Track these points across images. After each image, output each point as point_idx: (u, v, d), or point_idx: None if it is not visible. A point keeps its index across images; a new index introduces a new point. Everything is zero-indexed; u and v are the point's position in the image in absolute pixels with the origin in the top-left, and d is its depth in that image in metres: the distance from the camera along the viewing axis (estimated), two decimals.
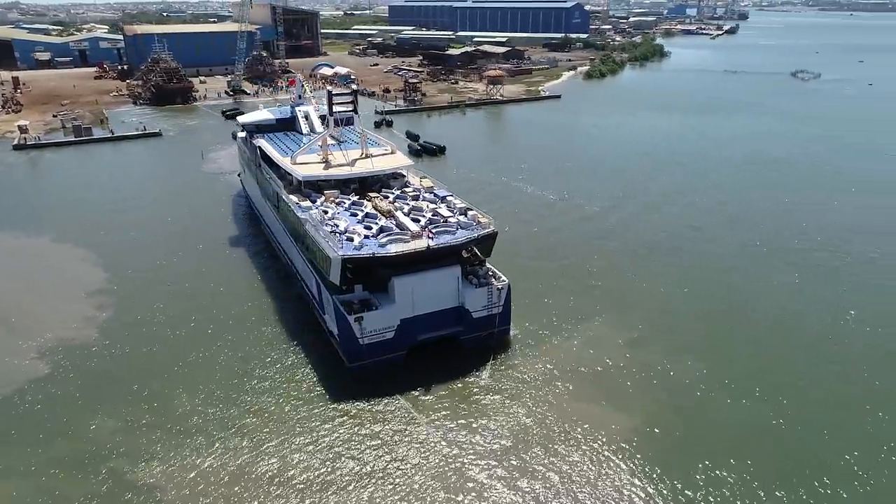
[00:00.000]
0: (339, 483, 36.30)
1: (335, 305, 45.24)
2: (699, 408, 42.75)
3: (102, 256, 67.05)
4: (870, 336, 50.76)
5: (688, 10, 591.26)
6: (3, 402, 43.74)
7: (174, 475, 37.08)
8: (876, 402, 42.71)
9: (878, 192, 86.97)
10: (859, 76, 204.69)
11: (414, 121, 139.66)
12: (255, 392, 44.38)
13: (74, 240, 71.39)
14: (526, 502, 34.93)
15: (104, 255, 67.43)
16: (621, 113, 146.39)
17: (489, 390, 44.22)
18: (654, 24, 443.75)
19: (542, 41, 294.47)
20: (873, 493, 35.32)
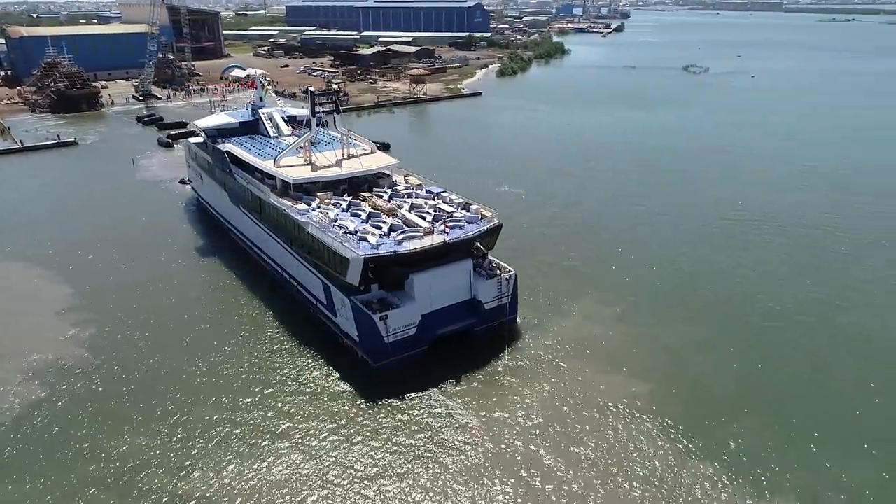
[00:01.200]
0: (398, 472, 37.19)
1: (354, 307, 45.33)
2: (698, 368, 47.11)
3: (62, 273, 62.99)
4: (800, 286, 57.65)
5: (574, 10, 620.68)
6: (13, 426, 40.82)
7: (219, 485, 36.47)
8: (836, 345, 49.02)
9: (793, 169, 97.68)
10: (741, 69, 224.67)
11: (345, 121, 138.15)
12: (279, 398, 43.78)
13: (25, 258, 66.39)
14: (577, 468, 37.46)
15: (63, 271, 63.38)
16: (545, 107, 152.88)
17: (511, 373, 46.34)
18: (547, 24, 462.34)
19: (447, 40, 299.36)
20: (860, 422, 40.84)
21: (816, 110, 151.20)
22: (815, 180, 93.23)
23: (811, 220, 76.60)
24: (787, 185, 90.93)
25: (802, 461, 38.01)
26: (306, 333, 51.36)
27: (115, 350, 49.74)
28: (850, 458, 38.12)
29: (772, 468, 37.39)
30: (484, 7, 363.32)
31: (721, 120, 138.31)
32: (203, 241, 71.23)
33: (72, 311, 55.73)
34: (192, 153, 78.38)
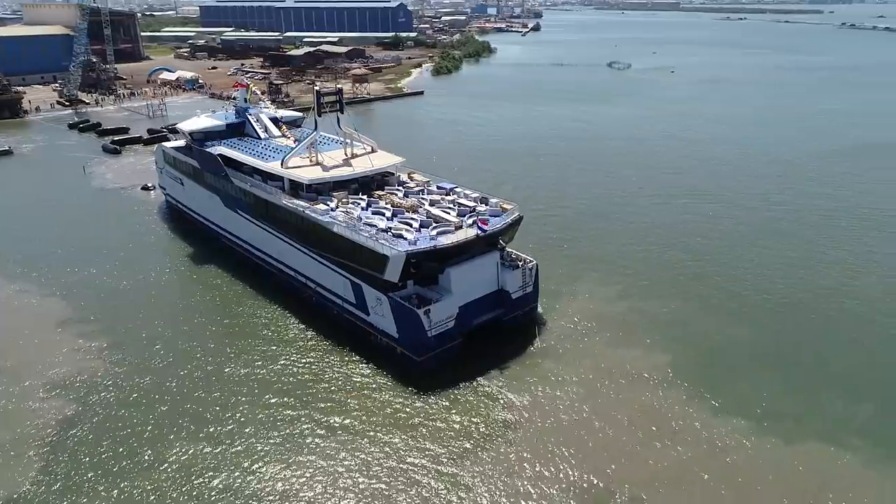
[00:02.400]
0: (465, 453, 38.89)
1: (394, 304, 46.04)
2: (707, 336, 51.42)
3: (51, 286, 60.34)
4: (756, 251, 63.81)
5: (489, 10, 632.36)
6: (57, 444, 39.21)
7: (294, 482, 36.95)
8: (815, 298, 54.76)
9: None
10: (660, 65, 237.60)
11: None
12: (327, 398, 44.13)
13: (5, 274, 62.68)
14: (622, 431, 40.51)
15: (52, 284, 60.74)
16: (493, 104, 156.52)
17: (543, 356, 48.79)
18: (466, 23, 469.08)
19: (373, 40, 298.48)
20: (854, 368, 46.19)
21: (741, 99, 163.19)
22: (786, 166, 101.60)
23: (761, 193, 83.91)
24: (755, 167, 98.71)
25: (813, 408, 42.73)
26: (333, 334, 51.23)
27: (135, 359, 48.42)
28: (851, 402, 43.11)
29: (788, 416, 41.81)
30: (407, 7, 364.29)
31: (665, 111, 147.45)
32: (191, 248, 69.27)
33: (74, 324, 53.53)
34: (169, 158, 75.43)
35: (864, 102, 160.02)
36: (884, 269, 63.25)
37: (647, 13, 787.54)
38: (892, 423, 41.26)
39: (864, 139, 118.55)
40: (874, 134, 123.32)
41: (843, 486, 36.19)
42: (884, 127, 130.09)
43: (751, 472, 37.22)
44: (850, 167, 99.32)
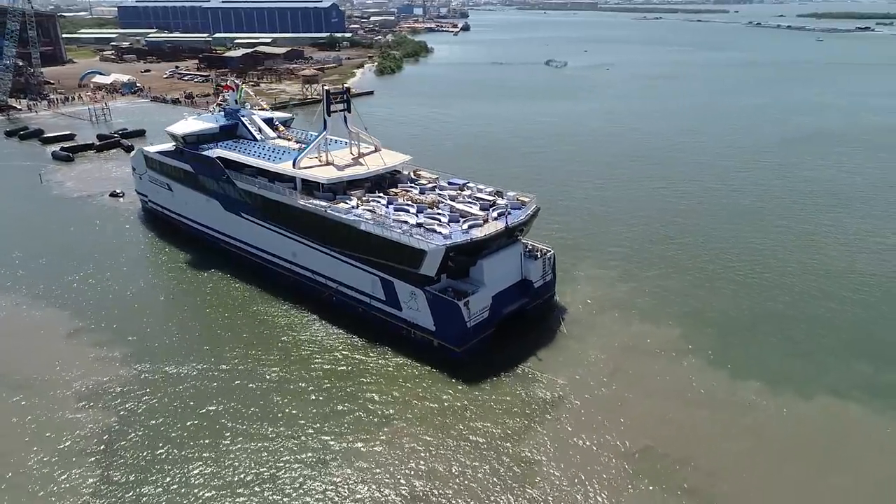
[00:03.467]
0: (517, 434, 40.82)
1: (431, 297, 47.03)
2: (712, 309, 55.40)
3: (48, 297, 58.00)
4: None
5: (414, 10, 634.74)
6: (109, 457, 38.34)
7: (359, 475, 37.83)
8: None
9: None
10: (594, 63, 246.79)
11: None
12: (374, 393, 44.75)
13: None
14: (654, 399, 43.55)
15: (48, 294, 58.40)
16: (441, 103, 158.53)
17: (569, 339, 51.21)
18: (395, 23, 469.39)
19: (307, 41, 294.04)
20: (844, 328, 51.25)
21: (684, 94, 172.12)
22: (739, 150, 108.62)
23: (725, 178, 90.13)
24: (714, 155, 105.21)
25: (815, 367, 47.22)
26: (361, 332, 51.32)
27: (159, 366, 47.46)
28: (847, 361, 47.90)
29: (796, 376, 46.01)
30: (339, 7, 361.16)
31: (613, 106, 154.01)
32: (187, 254, 67.18)
33: (85, 333, 51.91)
34: (153, 163, 72.76)
35: (794, 94, 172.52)
36: (848, 239, 69.85)
37: (568, 13, 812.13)
38: (885, 377, 46.10)
39: (805, 128, 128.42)
40: (811, 122, 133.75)
41: (851, 435, 40.36)
42: (814, 116, 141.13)
43: (771, 428, 40.93)
44: (797, 152, 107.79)
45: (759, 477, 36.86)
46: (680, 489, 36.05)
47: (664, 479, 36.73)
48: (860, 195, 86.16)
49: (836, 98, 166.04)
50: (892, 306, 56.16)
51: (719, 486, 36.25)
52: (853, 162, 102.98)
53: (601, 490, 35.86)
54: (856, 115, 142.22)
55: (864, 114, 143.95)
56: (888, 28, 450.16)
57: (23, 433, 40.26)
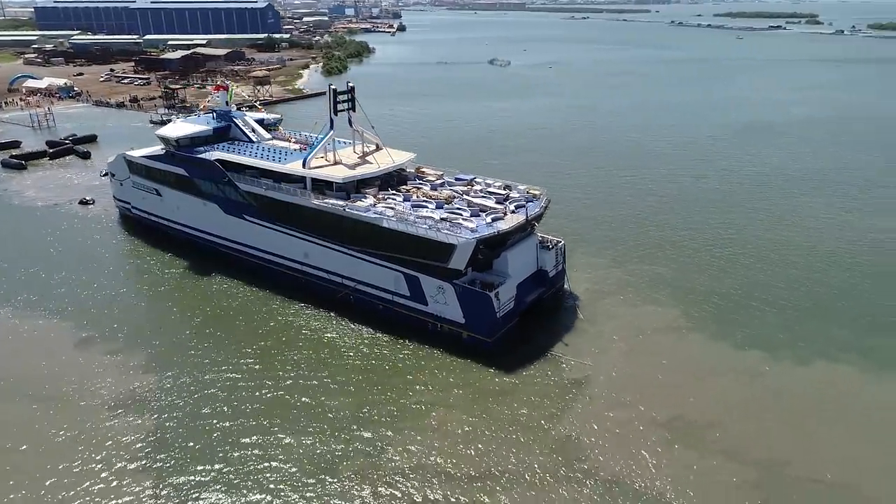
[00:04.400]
0: (557, 412, 42.99)
1: (461, 290, 48.10)
2: (707, 287, 59.34)
3: (48, 310, 55.73)
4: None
5: (346, 10, 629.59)
6: (155, 456, 37.94)
7: (416, 460, 39.08)
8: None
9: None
10: (537, 62, 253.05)
11: None
12: (407, 383, 45.89)
13: None
14: (670, 370, 46.79)
15: (49, 308, 56.12)
16: (397, 103, 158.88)
17: (583, 323, 53.87)
18: (330, 24, 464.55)
19: (244, 42, 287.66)
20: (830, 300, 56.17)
21: (632, 91, 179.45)
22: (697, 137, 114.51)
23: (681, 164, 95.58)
24: (673, 146, 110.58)
25: (805, 335, 51.63)
26: (384, 329, 51.89)
27: (187, 370, 46.90)
28: (830, 328, 52.65)
29: (791, 343, 50.46)
30: (275, 7, 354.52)
31: (566, 103, 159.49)
32: (183, 260, 65.56)
33: (96, 342, 50.77)
34: (137, 168, 70.26)
35: (731, 89, 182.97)
36: (808, 217, 75.91)
37: (498, 13, 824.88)
38: (863, 340, 50.85)
39: (748, 119, 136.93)
40: (753, 115, 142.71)
41: (846, 392, 44.71)
42: (754, 109, 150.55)
43: (779, 391, 44.81)
44: (746, 142, 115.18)
45: (778, 434, 40.28)
46: (712, 451, 39.00)
47: (697, 444, 39.64)
48: (809, 178, 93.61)
49: (768, 93, 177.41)
50: (859, 275, 61.94)
51: (747, 445, 39.39)
52: (797, 150, 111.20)
53: (644, 459, 38.30)
54: (787, 108, 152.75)
55: (793, 107, 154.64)
56: (797, 26, 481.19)
57: (67, 447, 39.15)
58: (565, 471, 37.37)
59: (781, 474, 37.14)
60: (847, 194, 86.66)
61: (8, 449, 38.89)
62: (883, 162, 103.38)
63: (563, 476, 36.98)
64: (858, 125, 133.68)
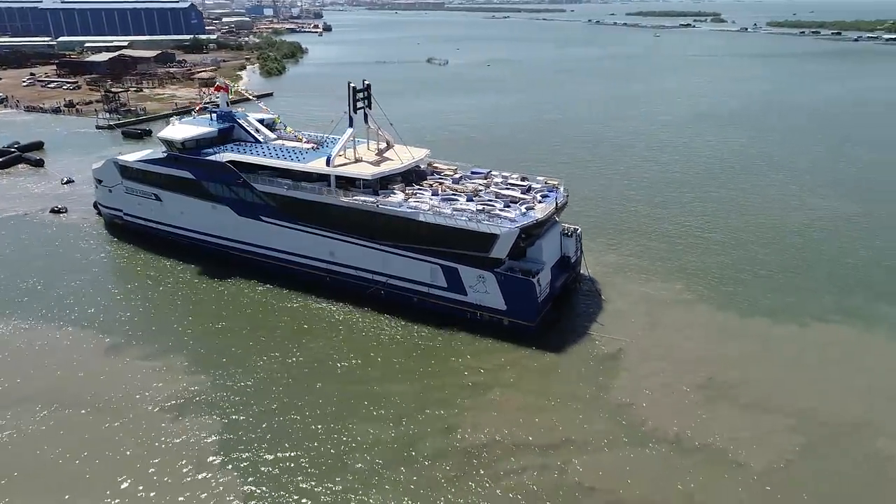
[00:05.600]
0: (613, 380, 46.00)
1: (502, 278, 49.85)
2: (698, 263, 64.13)
3: (66, 317, 53.75)
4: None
5: (265, 10, 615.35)
6: (226, 458, 38.02)
7: (485, 440, 41.02)
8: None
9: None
10: (473, 60, 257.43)
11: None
12: (461, 368, 47.73)
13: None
14: (697, 338, 50.76)
15: (60, 317, 54.02)
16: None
17: (604, 301, 57.06)
18: (252, 24, 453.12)
19: (168, 44, 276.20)
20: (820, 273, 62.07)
21: (578, 87, 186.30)
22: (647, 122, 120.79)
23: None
24: (632, 137, 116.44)
25: (802, 302, 57.14)
26: (422, 319, 52.91)
27: (232, 371, 46.70)
28: (824, 294, 58.45)
29: (790, 310, 55.59)
30: (198, 8, 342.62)
31: (517, 99, 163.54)
32: (189, 265, 63.58)
33: (123, 349, 49.50)
34: (132, 173, 67.50)
35: (669, 82, 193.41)
36: (776, 197, 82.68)
37: (419, 12, 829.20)
38: (848, 302, 56.86)
39: (694, 111, 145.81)
40: (696, 106, 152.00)
41: (848, 345, 50.25)
42: (697, 100, 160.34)
43: (788, 348, 49.77)
44: (695, 132, 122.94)
45: (798, 387, 44.80)
46: (748, 405, 43.03)
47: (733, 400, 43.58)
48: (761, 162, 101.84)
49: (703, 86, 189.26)
50: (826, 245, 68.95)
51: (775, 397, 43.68)
52: (744, 137, 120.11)
53: (694, 418, 41.71)
54: (724, 98, 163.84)
55: (729, 98, 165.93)
56: (704, 24, 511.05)
57: (136, 452, 38.44)
58: (628, 435, 40.21)
59: (811, 419, 41.51)
60: (797, 176, 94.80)
61: (75, 460, 37.81)
62: (821, 147, 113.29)
63: (629, 440, 39.79)
64: (790, 113, 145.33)
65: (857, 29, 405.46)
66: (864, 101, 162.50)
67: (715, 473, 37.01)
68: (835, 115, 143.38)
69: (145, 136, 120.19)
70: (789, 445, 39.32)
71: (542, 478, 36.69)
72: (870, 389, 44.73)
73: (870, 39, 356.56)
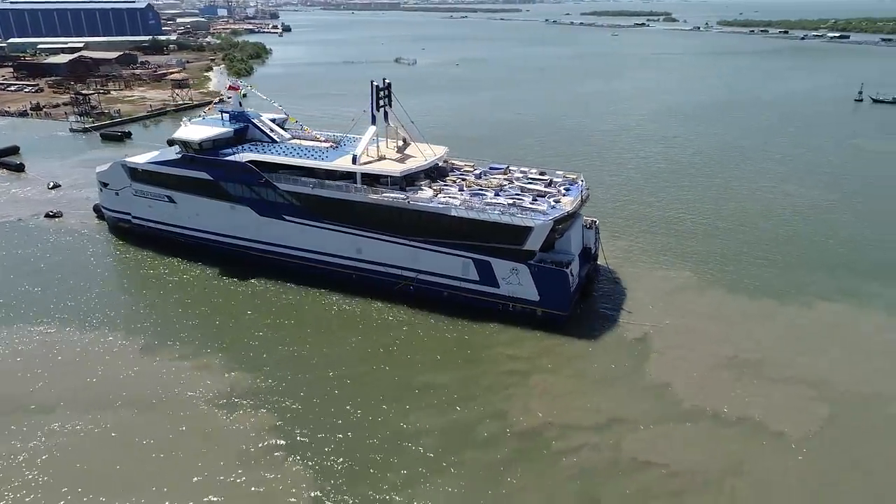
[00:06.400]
0: (644, 359, 48.20)
1: (536, 270, 51.25)
2: (696, 249, 67.12)
3: (94, 321, 53.06)
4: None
5: (219, 11, 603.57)
6: (304, 443, 38.65)
7: (536, 419, 42.72)
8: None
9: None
10: (442, 60, 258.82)
11: (149, 132, 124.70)
12: (499, 356, 49.36)
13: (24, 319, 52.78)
14: (712, 318, 53.47)
15: (93, 319, 53.36)
16: (327, 101, 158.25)
17: (626, 288, 59.38)
18: (208, 25, 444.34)
19: (126, 45, 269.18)
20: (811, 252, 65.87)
21: (553, 85, 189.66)
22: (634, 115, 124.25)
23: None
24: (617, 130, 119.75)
25: (798, 281, 60.76)
26: (453, 312, 53.97)
27: (276, 366, 47.13)
28: (814, 271, 62.18)
29: (790, 287, 59.15)
30: (155, 8, 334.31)
31: (496, 96, 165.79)
32: (208, 266, 63.33)
33: (160, 350, 49.24)
34: (142, 175, 66.26)
35: (640, 79, 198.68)
36: (761, 187, 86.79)
37: (376, 12, 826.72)
38: (845, 282, 60.61)
39: (667, 105, 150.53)
40: (668, 101, 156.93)
41: (851, 324, 53.70)
42: (668, 96, 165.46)
43: (796, 325, 53.21)
44: (675, 125, 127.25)
45: (812, 360, 47.93)
46: (772, 378, 46.02)
47: (758, 375, 46.45)
48: (736, 153, 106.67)
49: (672, 82, 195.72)
50: (818, 230, 73.09)
51: (794, 370, 46.76)
52: (717, 130, 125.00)
53: (727, 393, 44.22)
54: (693, 94, 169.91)
55: (697, 94, 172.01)
56: (658, 24, 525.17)
57: (201, 448, 38.78)
58: (670, 412, 42.38)
59: (830, 389, 44.73)
60: (772, 167, 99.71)
61: (144, 458, 37.93)
62: (786, 139, 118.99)
63: (671, 416, 41.96)
64: (756, 107, 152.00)
65: (801, 28, 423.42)
66: (821, 94, 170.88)
67: (757, 443, 39.48)
68: (796, 108, 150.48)
69: (126, 138, 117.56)
70: (817, 414, 42.18)
71: (598, 455, 38.52)
72: (871, 359, 48.24)
73: (815, 38, 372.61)
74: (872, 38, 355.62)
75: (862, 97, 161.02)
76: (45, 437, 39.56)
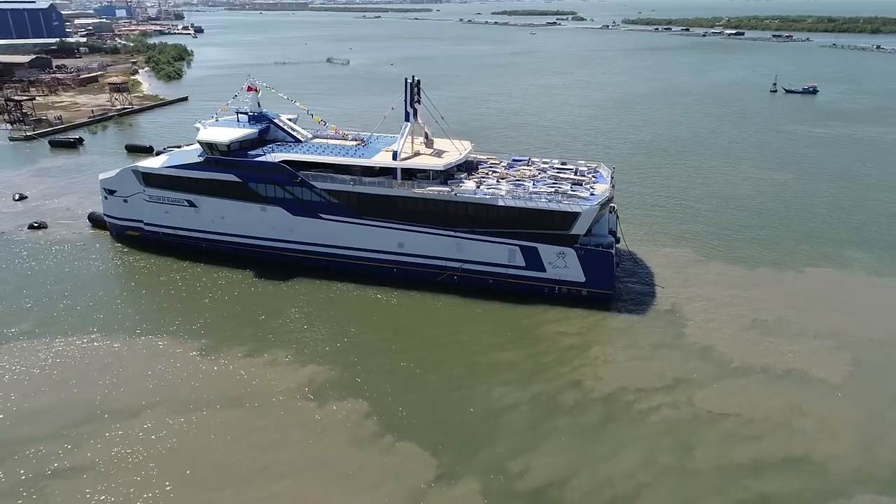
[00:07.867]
0: (683, 332, 52.60)
1: (583, 253, 54.43)
2: (695, 227, 73.01)
3: (133, 328, 51.52)
4: None
5: (117, 12, 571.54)
6: (398, 425, 40.01)
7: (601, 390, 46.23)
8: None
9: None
10: (375, 60, 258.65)
11: (100, 138, 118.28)
12: (548, 337, 52.26)
13: (49, 331, 50.29)
14: (730, 291, 59.01)
15: (129, 326, 51.82)
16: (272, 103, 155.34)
17: (646, 266, 63.80)
18: (110, 27, 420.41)
19: (29, 48, 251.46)
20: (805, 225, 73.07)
21: (487, 76, 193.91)
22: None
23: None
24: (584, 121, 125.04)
25: (790, 250, 67.73)
26: (499, 298, 56.18)
27: (346, 361, 47.95)
28: (801, 242, 69.37)
29: (782, 257, 65.87)
30: (59, 9, 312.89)
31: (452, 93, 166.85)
32: (235, 270, 62.12)
33: (216, 351, 48.50)
34: (160, 180, 63.64)
35: (582, 74, 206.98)
36: (732, 171, 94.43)
37: (286, 13, 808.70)
38: (834, 252, 67.93)
39: (614, 97, 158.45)
40: (612, 93, 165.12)
41: (844, 284, 60.69)
42: (611, 89, 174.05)
43: (800, 290, 59.36)
44: (624, 115, 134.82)
45: (823, 318, 54.06)
46: (794, 335, 51.73)
47: (781, 332, 51.98)
48: (694, 142, 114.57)
49: (608, 76, 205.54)
50: (788, 206, 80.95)
51: (809, 327, 52.65)
52: (666, 120, 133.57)
53: (763, 350, 49.41)
54: (629, 87, 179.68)
55: (632, 86, 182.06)
56: (568, 22, 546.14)
57: (311, 440, 39.29)
58: (724, 370, 46.98)
59: (845, 338, 50.98)
60: (726, 151, 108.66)
61: (255, 451, 38.16)
62: (728, 125, 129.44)
63: (727, 374, 46.54)
64: (689, 97, 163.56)
65: (699, 26, 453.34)
66: (739, 84, 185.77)
67: (806, 390, 44.64)
68: (724, 98, 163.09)
69: (79, 144, 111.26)
70: (844, 360, 48.13)
71: (678, 411, 42.33)
72: (870, 311, 55.15)
73: (715, 35, 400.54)
74: (764, 35, 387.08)
75: (776, 88, 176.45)
76: (143, 439, 38.97)
